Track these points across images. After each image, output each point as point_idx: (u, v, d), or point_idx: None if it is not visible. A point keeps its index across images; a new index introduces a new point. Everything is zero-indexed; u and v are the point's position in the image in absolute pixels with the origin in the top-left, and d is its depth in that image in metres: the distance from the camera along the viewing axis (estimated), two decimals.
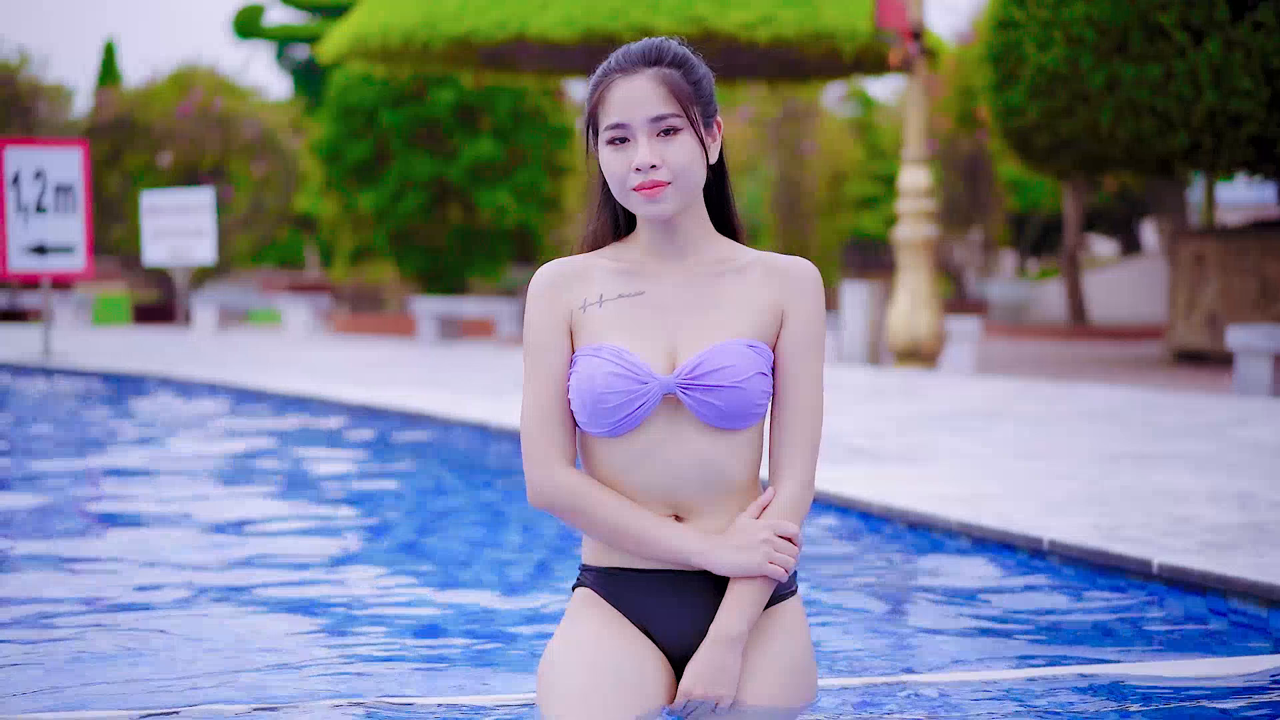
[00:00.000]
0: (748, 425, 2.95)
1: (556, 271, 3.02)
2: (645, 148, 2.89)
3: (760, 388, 2.94)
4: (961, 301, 28.56)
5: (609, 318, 2.97)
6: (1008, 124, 15.15)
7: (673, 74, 2.93)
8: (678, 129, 2.91)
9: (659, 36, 3.10)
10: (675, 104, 2.90)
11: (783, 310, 3.00)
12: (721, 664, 2.89)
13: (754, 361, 2.93)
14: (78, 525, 6.27)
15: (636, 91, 2.90)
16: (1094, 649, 4.19)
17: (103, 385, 12.59)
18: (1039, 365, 15.31)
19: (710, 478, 2.94)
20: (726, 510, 2.97)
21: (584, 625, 2.97)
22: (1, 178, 13.85)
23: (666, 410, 2.93)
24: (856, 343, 14.36)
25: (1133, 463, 7.10)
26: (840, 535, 5.97)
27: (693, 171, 2.93)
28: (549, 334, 2.98)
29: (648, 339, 2.96)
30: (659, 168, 2.89)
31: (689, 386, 2.90)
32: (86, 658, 4.00)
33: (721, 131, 3.00)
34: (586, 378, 2.90)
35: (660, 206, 2.92)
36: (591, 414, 2.91)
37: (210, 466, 8.13)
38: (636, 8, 15.81)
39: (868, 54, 16.88)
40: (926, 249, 13.72)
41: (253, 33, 45.28)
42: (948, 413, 9.58)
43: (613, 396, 2.89)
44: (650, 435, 2.93)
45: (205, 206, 18.50)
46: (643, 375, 2.90)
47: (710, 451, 2.94)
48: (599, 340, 2.95)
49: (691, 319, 2.98)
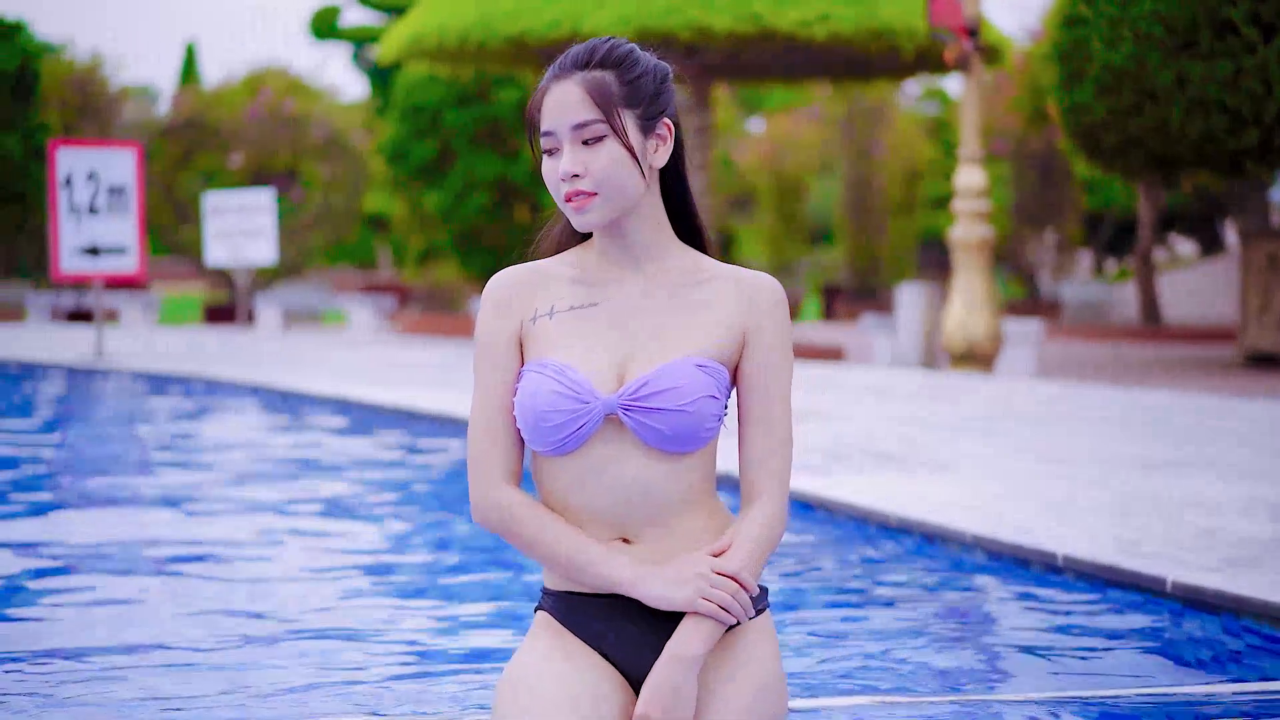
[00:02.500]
0: (695, 448, 2.82)
1: (510, 280, 2.90)
2: (567, 156, 2.77)
3: (709, 411, 2.79)
4: (1034, 303, 28.20)
5: (559, 330, 2.85)
6: (1075, 122, 14.92)
7: (600, 77, 2.78)
8: (601, 136, 2.77)
9: (600, 37, 2.94)
10: (596, 110, 2.76)
11: (745, 331, 2.86)
12: (677, 684, 2.76)
13: (703, 383, 2.79)
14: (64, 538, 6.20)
15: (563, 97, 2.77)
16: (1102, 670, 4.06)
17: (144, 386, 12.63)
18: (1104, 368, 15.02)
19: (657, 500, 2.82)
20: (676, 534, 2.85)
21: (540, 649, 2.87)
22: (54, 179, 13.90)
23: (611, 430, 2.80)
24: (911, 345, 14.14)
25: (1170, 470, 6.88)
26: (851, 546, 5.82)
27: (618, 180, 2.78)
28: (496, 346, 2.87)
29: (597, 354, 2.83)
30: (581, 177, 2.77)
31: (630, 408, 2.78)
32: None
33: (673, 134, 2.84)
34: (529, 394, 2.79)
35: (586, 217, 2.79)
36: (533, 432, 2.80)
37: (221, 467, 8.07)
38: (692, 5, 15.68)
39: (930, 52, 16.63)
40: (982, 249, 13.50)
41: (329, 34, 45.60)
42: (989, 417, 9.37)
43: (554, 415, 2.77)
44: (594, 455, 2.81)
45: (266, 207, 18.54)
46: (584, 394, 2.77)
47: (656, 473, 2.81)
48: (546, 354, 2.83)
49: (644, 334, 2.85)
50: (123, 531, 6.14)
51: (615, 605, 2.84)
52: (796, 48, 16.61)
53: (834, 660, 4.14)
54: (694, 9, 15.67)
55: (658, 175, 2.87)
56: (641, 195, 2.83)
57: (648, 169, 2.82)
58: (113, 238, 13.99)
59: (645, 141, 2.81)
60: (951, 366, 13.70)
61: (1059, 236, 29.95)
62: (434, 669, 4.01)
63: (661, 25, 15.71)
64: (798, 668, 4.00)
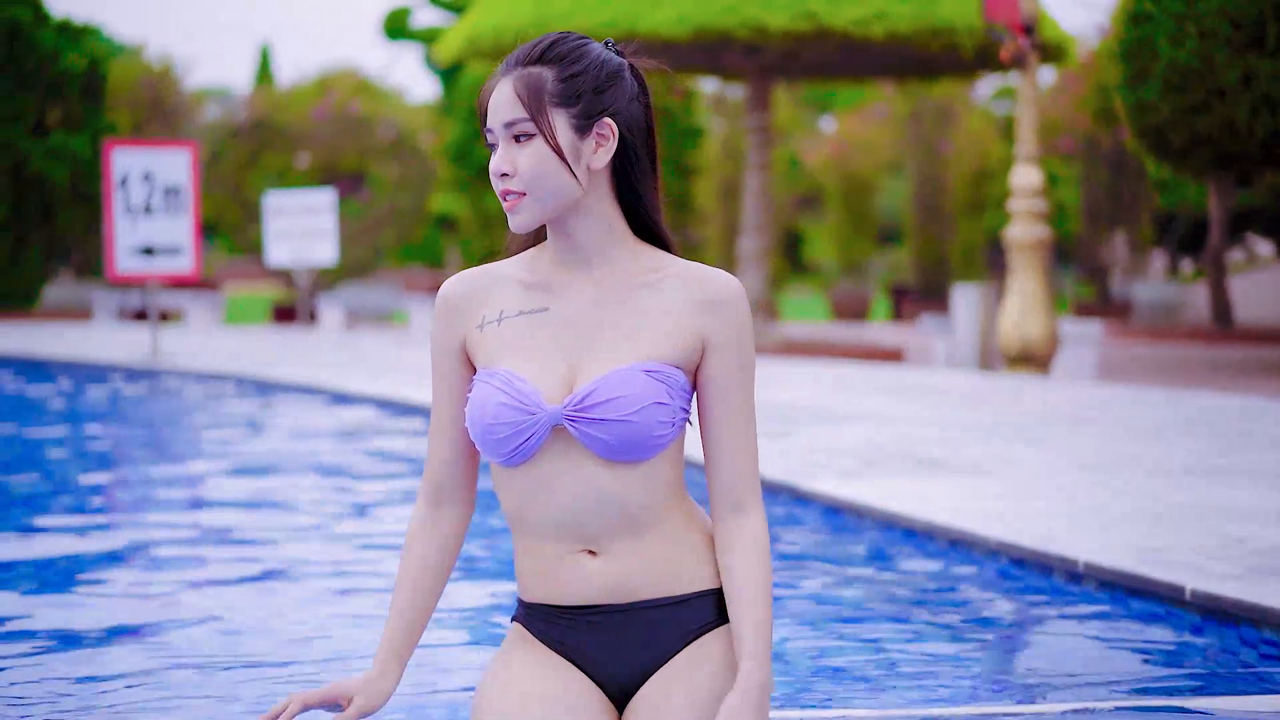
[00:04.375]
0: (647, 457, 2.75)
1: (457, 287, 2.85)
2: (499, 154, 2.73)
3: (657, 418, 2.71)
4: (1104, 304, 27.86)
5: (507, 337, 2.79)
6: (1141, 121, 14.68)
7: (535, 74, 2.70)
8: (529, 134, 2.70)
9: (556, 32, 2.86)
10: (523, 108, 2.69)
11: (701, 332, 2.78)
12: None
13: (652, 390, 2.72)
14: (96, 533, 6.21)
15: (498, 96, 2.72)
16: (1115, 679, 3.98)
17: (194, 386, 12.71)
18: (1166, 370, 14.79)
19: (612, 510, 2.75)
20: (638, 544, 2.77)
21: (514, 660, 2.83)
22: (109, 180, 14.00)
23: (561, 441, 2.74)
24: (967, 347, 13.98)
25: (1207, 476, 6.74)
26: (874, 551, 5.75)
27: (546, 180, 2.71)
28: (440, 355, 2.84)
29: (546, 362, 2.77)
30: (509, 176, 2.72)
31: (575, 419, 2.71)
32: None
33: (616, 134, 2.75)
34: (477, 406, 2.75)
35: (517, 218, 2.73)
36: (484, 444, 2.76)
37: (250, 468, 8.07)
38: (749, 4, 15.58)
39: (991, 50, 16.43)
40: (1038, 249, 13.33)
41: (401, 34, 45.85)
42: (1034, 420, 9.23)
43: (500, 428, 2.72)
44: (546, 466, 2.75)
45: (327, 207, 18.61)
46: (530, 405, 2.72)
47: (609, 483, 2.74)
48: (494, 363, 2.78)
49: (594, 340, 2.78)
50: (139, 535, 6.14)
51: (589, 616, 2.79)
52: (854, 46, 16.47)
53: (837, 667, 4.08)
54: (751, 7, 15.56)
55: (604, 175, 2.77)
56: (575, 196, 2.74)
57: (584, 170, 2.74)
58: (168, 238, 14.08)
59: (581, 142, 2.72)
60: (1007, 368, 13.54)
61: (1129, 236, 29.58)
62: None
63: (718, 24, 15.62)
64: (802, 674, 3.95)
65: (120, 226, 13.99)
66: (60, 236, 24.33)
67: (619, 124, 2.74)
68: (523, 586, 2.85)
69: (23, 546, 5.81)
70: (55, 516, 6.51)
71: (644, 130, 2.80)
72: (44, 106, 23.82)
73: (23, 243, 23.66)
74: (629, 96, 2.76)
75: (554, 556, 2.77)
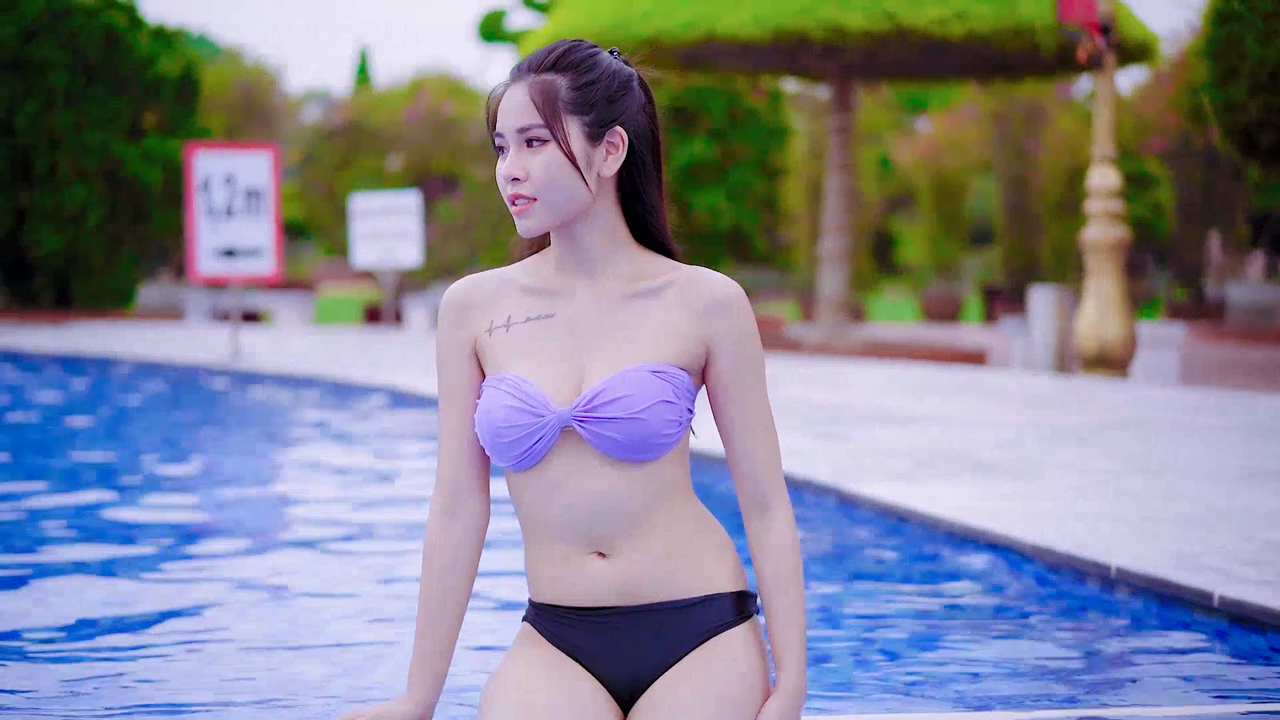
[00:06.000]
0: (655, 456, 2.79)
1: (464, 293, 2.90)
2: (510, 159, 2.77)
3: (665, 416, 2.76)
4: (1198, 305, 27.46)
5: (515, 343, 2.84)
6: (1229, 120, 14.46)
7: (549, 81, 2.76)
8: (543, 140, 2.76)
9: (567, 40, 2.90)
10: (538, 114, 2.74)
11: (707, 340, 2.83)
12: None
13: (659, 389, 2.76)
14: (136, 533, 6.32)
15: (511, 101, 2.77)
16: (1140, 686, 3.97)
17: (268, 387, 12.86)
18: (1252, 373, 14.58)
19: (620, 511, 2.79)
20: (646, 547, 2.81)
21: (523, 660, 2.86)
22: (191, 182, 14.22)
23: (570, 443, 2.79)
24: (1044, 349, 13.85)
25: (1262, 481, 6.65)
26: (908, 553, 5.74)
27: (557, 186, 2.76)
28: (447, 358, 2.89)
29: (553, 366, 2.82)
30: (521, 181, 2.76)
31: (584, 419, 2.76)
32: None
33: (625, 143, 2.80)
34: (486, 411, 2.79)
35: (526, 223, 2.79)
36: (493, 448, 2.81)
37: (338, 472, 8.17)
38: (826, 5, 15.52)
39: (1073, 49, 16.26)
40: (1115, 252, 13.18)
41: (496, 36, 46.07)
42: (1097, 424, 9.14)
43: (510, 431, 2.77)
44: (556, 469, 2.80)
45: (412, 209, 18.75)
46: (539, 408, 2.77)
47: (618, 484, 2.79)
48: (503, 368, 2.84)
49: (600, 344, 2.83)
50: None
51: (599, 618, 2.82)
52: (934, 46, 16.36)
53: (872, 671, 4.09)
54: (828, 8, 15.51)
55: (612, 183, 2.83)
56: (586, 203, 2.80)
57: (594, 177, 2.78)
58: (249, 240, 14.28)
59: (593, 149, 2.78)
60: (1083, 371, 13.40)
61: (1223, 237, 29.13)
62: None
63: (796, 25, 15.58)
64: (838, 679, 3.97)
65: (202, 228, 14.20)
66: (154, 239, 24.72)
67: (628, 132, 2.80)
68: (533, 587, 2.89)
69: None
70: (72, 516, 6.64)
71: (651, 138, 2.86)
72: (139, 110, 24.21)
73: (118, 245, 24.07)
74: (638, 105, 2.83)
75: (563, 558, 2.81)
